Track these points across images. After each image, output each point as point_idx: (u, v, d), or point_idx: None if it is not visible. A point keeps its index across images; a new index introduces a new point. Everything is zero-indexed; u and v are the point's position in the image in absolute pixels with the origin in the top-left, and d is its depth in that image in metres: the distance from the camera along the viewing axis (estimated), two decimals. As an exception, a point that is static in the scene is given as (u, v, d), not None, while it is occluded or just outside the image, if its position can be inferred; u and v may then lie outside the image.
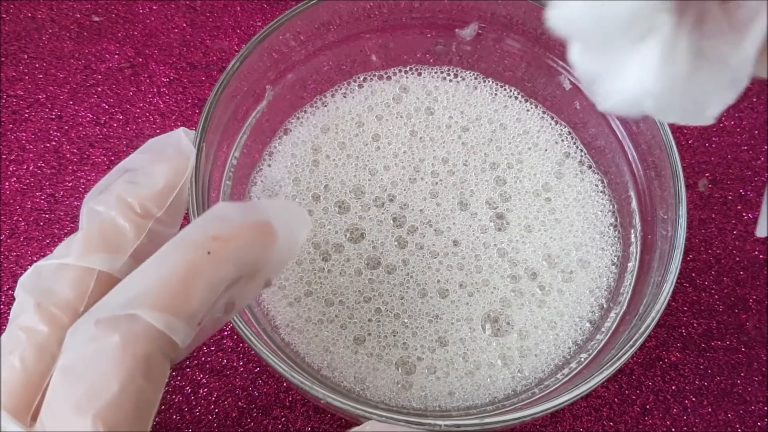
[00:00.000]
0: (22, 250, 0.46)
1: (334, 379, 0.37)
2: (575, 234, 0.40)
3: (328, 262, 0.39)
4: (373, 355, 0.37)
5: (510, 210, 0.40)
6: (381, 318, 0.38)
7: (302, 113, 0.43)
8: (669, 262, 0.33)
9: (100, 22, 0.54)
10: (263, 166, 0.41)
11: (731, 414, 0.42)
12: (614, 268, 0.39)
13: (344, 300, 0.38)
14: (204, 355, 0.42)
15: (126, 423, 0.24)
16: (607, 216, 0.40)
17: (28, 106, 0.51)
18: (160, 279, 0.25)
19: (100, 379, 0.24)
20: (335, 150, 0.42)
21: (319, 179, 0.41)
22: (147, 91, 0.51)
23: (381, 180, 0.41)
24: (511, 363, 0.37)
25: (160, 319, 0.25)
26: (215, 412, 0.41)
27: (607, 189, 0.41)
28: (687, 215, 0.34)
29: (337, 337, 0.37)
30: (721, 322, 0.44)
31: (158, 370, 0.25)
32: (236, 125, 0.39)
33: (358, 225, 0.40)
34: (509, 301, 0.38)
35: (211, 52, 0.53)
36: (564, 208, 0.40)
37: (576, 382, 0.32)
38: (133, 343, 0.24)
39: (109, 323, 0.24)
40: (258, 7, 0.55)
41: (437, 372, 0.37)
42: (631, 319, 0.34)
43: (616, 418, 0.42)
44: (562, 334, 0.38)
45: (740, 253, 0.46)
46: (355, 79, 0.44)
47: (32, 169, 0.48)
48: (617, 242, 0.40)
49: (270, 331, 0.36)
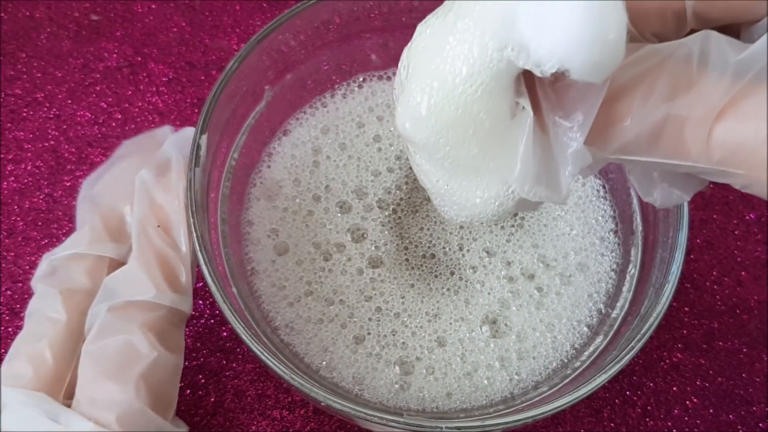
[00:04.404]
0: (20, 250, 0.46)
1: (333, 379, 0.37)
2: (574, 238, 0.40)
3: (329, 262, 0.39)
4: (372, 354, 0.37)
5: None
6: (381, 317, 0.38)
7: (302, 114, 0.43)
8: (670, 262, 0.33)
9: (98, 21, 0.54)
10: (263, 167, 0.41)
11: (733, 415, 0.42)
12: (613, 274, 0.39)
13: (345, 299, 0.38)
14: (203, 357, 0.42)
15: (160, 385, 0.31)
16: (608, 221, 0.40)
17: (26, 105, 0.50)
18: (149, 265, 0.32)
19: (128, 356, 0.30)
20: (336, 151, 0.42)
21: (320, 180, 0.41)
22: (146, 90, 0.51)
23: (384, 182, 0.41)
24: (509, 365, 0.37)
25: (163, 297, 0.31)
26: (215, 413, 0.41)
27: (608, 195, 0.41)
28: (689, 216, 0.34)
29: (336, 337, 0.37)
30: (723, 322, 0.44)
31: (174, 338, 0.33)
32: (235, 125, 0.39)
33: (360, 225, 0.40)
34: (507, 302, 0.38)
35: (210, 51, 0.53)
36: (564, 213, 0.40)
37: (579, 382, 0.32)
38: (147, 322, 0.31)
39: (122, 308, 0.31)
40: (257, 6, 0.55)
41: (435, 372, 0.37)
42: (632, 320, 0.34)
43: (617, 419, 0.42)
44: (560, 338, 0.38)
45: (742, 253, 0.46)
46: (354, 79, 0.44)
47: (30, 169, 0.48)
48: (617, 248, 0.40)
49: (269, 333, 0.36)
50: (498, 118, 0.23)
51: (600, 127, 0.22)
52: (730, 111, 0.20)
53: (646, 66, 0.21)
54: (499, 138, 0.23)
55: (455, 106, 0.23)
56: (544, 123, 0.23)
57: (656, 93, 0.21)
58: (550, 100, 0.23)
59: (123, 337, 0.30)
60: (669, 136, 0.21)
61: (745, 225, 0.47)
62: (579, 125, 0.22)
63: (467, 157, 0.24)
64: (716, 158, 0.21)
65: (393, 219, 0.40)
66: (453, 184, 0.25)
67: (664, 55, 0.21)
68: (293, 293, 0.38)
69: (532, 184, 0.23)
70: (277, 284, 0.38)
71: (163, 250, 0.33)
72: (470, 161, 0.24)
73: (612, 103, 0.22)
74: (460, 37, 0.22)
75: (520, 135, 0.23)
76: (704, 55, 0.21)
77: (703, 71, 0.21)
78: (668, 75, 0.21)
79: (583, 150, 0.22)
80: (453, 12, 0.22)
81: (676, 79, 0.21)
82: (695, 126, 0.21)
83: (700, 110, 0.21)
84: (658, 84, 0.21)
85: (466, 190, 0.25)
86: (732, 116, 0.20)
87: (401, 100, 0.24)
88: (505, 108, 0.23)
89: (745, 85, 0.20)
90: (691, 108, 0.21)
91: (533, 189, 0.23)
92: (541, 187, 0.23)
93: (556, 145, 0.23)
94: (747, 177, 0.21)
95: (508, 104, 0.23)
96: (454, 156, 0.24)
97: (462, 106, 0.23)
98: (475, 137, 0.23)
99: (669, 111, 0.21)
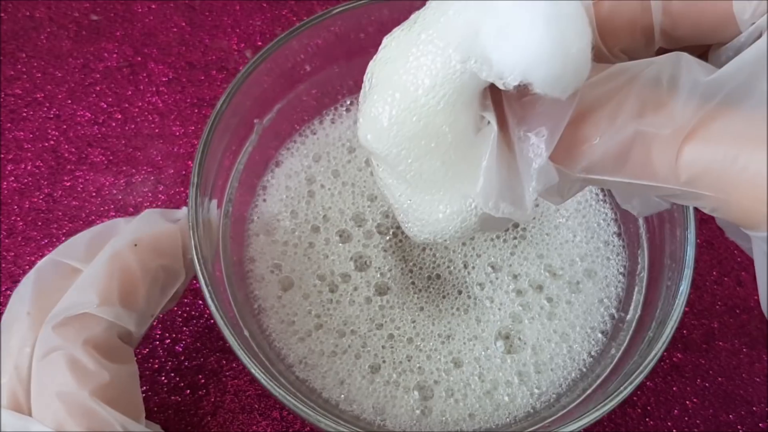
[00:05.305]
0: (20, 250, 0.45)
1: (353, 412, 0.36)
2: (578, 244, 0.40)
3: (336, 293, 0.38)
4: (389, 382, 0.36)
5: (516, 223, 0.40)
6: (394, 344, 0.37)
7: (292, 144, 0.42)
8: (682, 262, 0.33)
9: (98, 21, 0.53)
10: (258, 201, 0.40)
11: (733, 415, 0.42)
12: (622, 278, 0.39)
13: (356, 329, 0.37)
14: (203, 357, 0.42)
15: (119, 397, 0.30)
16: (611, 225, 0.40)
17: (26, 105, 0.50)
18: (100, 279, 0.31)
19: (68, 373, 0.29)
20: (329, 178, 0.41)
21: (317, 210, 0.40)
22: (146, 90, 0.51)
23: (381, 206, 0.40)
24: (528, 380, 0.37)
25: (106, 311, 0.31)
26: (214, 414, 0.40)
27: (608, 198, 0.41)
28: (695, 213, 0.34)
29: (352, 368, 0.37)
30: (723, 322, 0.44)
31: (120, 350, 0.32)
32: (229, 165, 0.38)
33: (363, 253, 0.39)
34: (519, 316, 0.38)
35: (210, 51, 0.52)
36: (565, 220, 0.40)
37: (605, 387, 0.32)
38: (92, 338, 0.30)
39: (63, 325, 0.30)
40: (257, 6, 0.54)
41: (455, 394, 0.36)
42: (648, 323, 0.34)
43: (617, 419, 0.42)
44: (576, 347, 0.37)
45: (741, 253, 0.46)
46: (342, 103, 0.43)
47: (30, 169, 0.48)
48: (623, 251, 0.40)
49: (285, 371, 0.35)
50: (461, 131, 0.23)
51: (567, 145, 0.22)
52: (699, 133, 0.20)
53: (615, 84, 0.21)
54: (463, 152, 0.23)
55: (417, 118, 0.22)
56: (510, 139, 0.23)
57: (625, 111, 0.21)
58: (516, 114, 0.22)
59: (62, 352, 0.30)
60: (637, 156, 0.21)
61: (745, 225, 0.47)
62: (545, 141, 0.22)
63: (430, 170, 0.24)
64: (684, 179, 0.21)
65: (394, 243, 0.40)
66: (416, 199, 0.25)
67: (634, 74, 0.21)
68: (303, 328, 0.37)
69: (495, 199, 0.23)
70: (286, 320, 0.38)
71: (131, 265, 0.32)
72: (432, 175, 0.24)
73: (579, 121, 0.22)
74: (423, 48, 0.22)
75: (484, 149, 0.23)
76: (674, 77, 0.21)
77: (673, 92, 0.21)
78: (637, 94, 0.21)
79: (548, 166, 0.22)
80: (418, 23, 0.22)
81: (646, 98, 0.21)
82: (663, 146, 0.21)
83: (669, 130, 0.21)
84: (627, 103, 0.21)
85: (428, 204, 0.25)
86: (700, 138, 0.20)
87: (363, 111, 0.24)
88: (469, 121, 0.23)
89: (713, 108, 0.20)
90: (660, 127, 0.21)
91: (496, 204, 0.23)
92: (505, 203, 0.23)
93: (521, 161, 0.22)
94: (715, 199, 0.21)
95: (472, 118, 0.23)
96: (417, 169, 0.24)
97: (424, 118, 0.22)
98: (438, 150, 0.23)
99: (637, 129, 0.21)
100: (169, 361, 0.41)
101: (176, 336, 0.42)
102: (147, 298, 0.32)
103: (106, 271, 0.31)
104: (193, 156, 0.47)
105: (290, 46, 0.38)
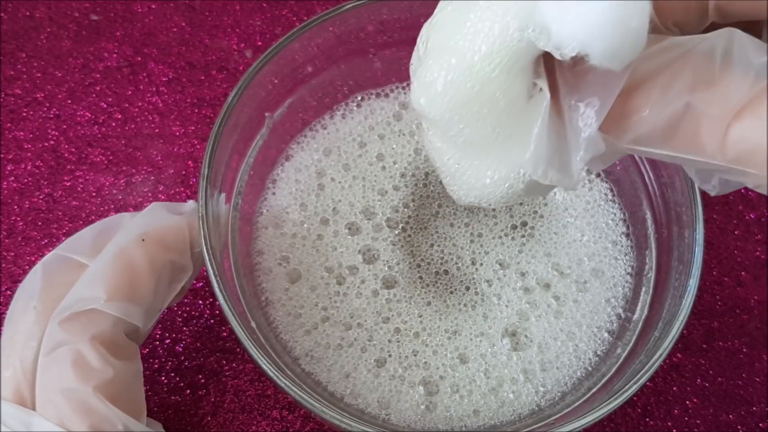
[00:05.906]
0: (20, 250, 0.45)
1: (358, 405, 0.36)
2: (586, 244, 0.40)
3: (343, 285, 0.38)
4: (395, 377, 0.37)
5: (524, 222, 0.40)
6: (401, 338, 0.37)
7: (302, 138, 0.42)
8: (690, 263, 0.33)
9: (98, 21, 0.53)
10: (268, 194, 0.41)
11: (733, 415, 0.42)
12: (629, 278, 0.39)
13: (362, 322, 0.38)
14: (203, 356, 0.42)
15: (122, 394, 0.30)
16: (619, 225, 0.40)
17: (26, 105, 0.50)
18: (107, 274, 0.31)
19: (80, 369, 0.29)
20: (340, 172, 0.41)
21: (327, 203, 0.40)
22: (146, 90, 0.51)
23: (391, 200, 0.40)
24: (533, 377, 0.37)
25: (114, 307, 0.30)
26: (214, 414, 0.40)
27: (616, 198, 0.41)
28: (703, 214, 0.34)
29: (357, 362, 0.37)
30: (723, 322, 0.45)
31: (126, 347, 0.32)
32: (238, 159, 0.38)
33: (371, 246, 0.39)
34: (526, 314, 0.38)
35: (210, 51, 0.52)
36: (574, 219, 0.40)
37: (610, 386, 0.32)
38: (99, 334, 0.30)
39: (69, 321, 0.30)
40: (257, 6, 0.54)
41: (460, 390, 0.36)
42: (654, 323, 0.34)
43: (617, 419, 0.42)
44: (582, 345, 0.37)
45: (741, 253, 0.46)
46: (353, 98, 0.43)
47: (30, 169, 0.48)
48: (631, 251, 0.40)
49: (291, 363, 0.36)
50: (514, 98, 0.23)
51: (617, 116, 0.22)
52: (749, 111, 0.20)
53: (668, 58, 0.21)
54: (514, 119, 0.23)
55: (472, 84, 0.23)
56: (561, 107, 0.23)
57: (677, 85, 0.21)
58: (569, 83, 0.22)
59: (68, 347, 0.29)
60: (685, 130, 0.21)
61: (745, 225, 0.47)
62: (595, 111, 0.22)
63: (480, 136, 0.24)
64: (731, 156, 0.21)
65: (403, 237, 0.40)
66: (464, 163, 0.25)
67: (687, 49, 0.21)
68: (310, 321, 0.38)
69: (544, 166, 0.23)
70: (293, 313, 0.38)
71: (138, 261, 0.32)
72: (483, 140, 0.24)
73: (631, 93, 0.22)
74: (481, 14, 0.22)
75: (535, 117, 0.23)
76: (727, 53, 0.21)
77: (726, 69, 0.21)
78: (690, 69, 0.21)
79: (597, 136, 0.22)
80: None
81: (698, 73, 0.21)
82: (713, 122, 0.21)
83: (720, 107, 0.21)
84: (680, 77, 0.21)
85: (477, 169, 0.25)
86: (750, 116, 0.20)
87: (418, 75, 0.24)
88: (522, 89, 0.23)
89: (766, 86, 0.20)
90: (711, 104, 0.21)
91: (545, 172, 0.23)
92: (553, 171, 0.23)
93: (571, 130, 0.22)
94: (761, 177, 0.21)
95: (525, 85, 0.23)
96: (468, 134, 0.24)
97: (479, 84, 0.22)
98: (490, 116, 0.23)
99: (688, 103, 0.21)
100: (169, 361, 0.42)
101: (176, 336, 0.42)
102: (154, 294, 0.32)
103: (114, 267, 0.31)
104: (193, 156, 0.48)
105: (303, 39, 0.38)
